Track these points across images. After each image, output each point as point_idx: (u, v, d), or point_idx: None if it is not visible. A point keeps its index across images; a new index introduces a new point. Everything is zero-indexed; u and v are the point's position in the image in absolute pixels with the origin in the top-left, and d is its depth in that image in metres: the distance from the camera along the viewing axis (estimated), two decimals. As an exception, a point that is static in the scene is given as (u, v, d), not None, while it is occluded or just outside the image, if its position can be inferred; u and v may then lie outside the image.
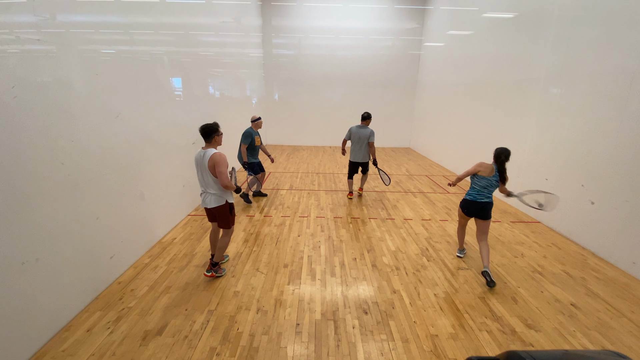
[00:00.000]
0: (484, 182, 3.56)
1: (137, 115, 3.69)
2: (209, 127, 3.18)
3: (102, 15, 3.16)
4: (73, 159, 2.73)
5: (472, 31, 7.74)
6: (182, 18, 4.96)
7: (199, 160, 3.20)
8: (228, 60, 7.48)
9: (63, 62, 2.65)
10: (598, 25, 4.24)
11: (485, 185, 3.56)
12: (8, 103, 2.16)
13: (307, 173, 8.18)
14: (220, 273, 3.48)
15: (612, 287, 3.47)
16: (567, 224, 4.66)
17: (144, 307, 2.96)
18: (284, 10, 11.23)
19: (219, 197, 3.23)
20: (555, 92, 4.98)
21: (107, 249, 3.22)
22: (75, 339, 2.56)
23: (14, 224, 2.22)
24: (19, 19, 2.28)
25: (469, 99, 7.84)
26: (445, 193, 6.73)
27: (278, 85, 12.04)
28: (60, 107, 2.60)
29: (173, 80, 4.67)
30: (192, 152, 5.29)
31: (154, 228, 4.18)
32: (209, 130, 3.18)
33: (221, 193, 3.24)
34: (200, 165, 3.19)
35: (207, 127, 3.18)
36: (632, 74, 3.75)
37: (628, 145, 3.79)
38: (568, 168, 4.65)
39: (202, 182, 3.26)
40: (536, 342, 2.68)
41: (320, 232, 4.65)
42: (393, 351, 2.54)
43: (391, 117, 12.33)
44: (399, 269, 3.72)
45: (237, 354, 2.46)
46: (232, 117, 7.67)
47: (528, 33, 5.61)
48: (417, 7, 11.18)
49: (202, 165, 3.16)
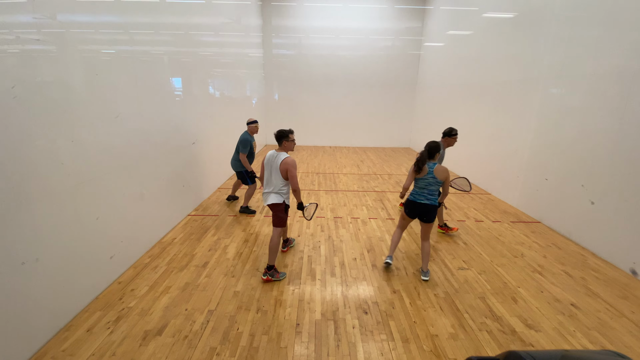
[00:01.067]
0: (421, 183, 3.41)
1: (137, 115, 3.69)
2: (280, 132, 3.37)
3: (102, 15, 3.16)
4: (73, 159, 2.73)
5: (472, 31, 7.74)
6: (182, 18, 4.96)
7: (270, 160, 3.40)
8: (228, 60, 7.48)
9: (63, 62, 2.65)
10: (598, 25, 4.24)
11: (424, 186, 3.39)
12: (8, 103, 2.16)
13: (307, 173, 8.18)
14: (277, 277, 3.39)
15: (612, 287, 3.47)
16: (567, 224, 4.66)
17: (144, 307, 2.96)
18: (284, 10, 11.24)
19: (279, 196, 3.43)
20: (555, 92, 4.98)
21: (107, 249, 3.22)
22: (75, 339, 2.56)
23: (14, 224, 2.22)
24: (19, 19, 2.28)
25: (469, 99, 7.84)
26: (445, 193, 6.72)
27: (278, 85, 12.04)
28: (60, 107, 2.60)
29: (173, 80, 4.67)
30: (192, 152, 5.30)
31: (154, 228, 4.18)
32: (279, 136, 3.37)
33: (282, 193, 3.44)
34: (271, 165, 3.39)
35: (279, 133, 3.37)
36: (632, 74, 3.75)
37: (628, 145, 3.79)
38: (568, 168, 4.65)
39: (269, 181, 3.46)
40: (536, 342, 2.68)
41: (320, 232, 4.65)
42: (393, 351, 2.54)
43: (391, 117, 12.34)
44: (399, 269, 3.72)
45: (237, 354, 2.46)
46: (232, 117, 7.67)
47: (528, 33, 5.61)
48: (417, 7, 11.18)
49: (274, 166, 3.37)
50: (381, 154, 11.13)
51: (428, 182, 3.37)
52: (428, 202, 3.37)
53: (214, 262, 3.76)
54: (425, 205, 3.38)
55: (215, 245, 4.17)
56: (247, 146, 4.93)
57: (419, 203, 3.41)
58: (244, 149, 4.90)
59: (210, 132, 6.16)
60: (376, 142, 12.54)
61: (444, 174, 3.34)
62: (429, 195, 3.38)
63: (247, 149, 4.93)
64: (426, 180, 3.37)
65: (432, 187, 3.37)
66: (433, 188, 3.37)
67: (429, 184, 3.37)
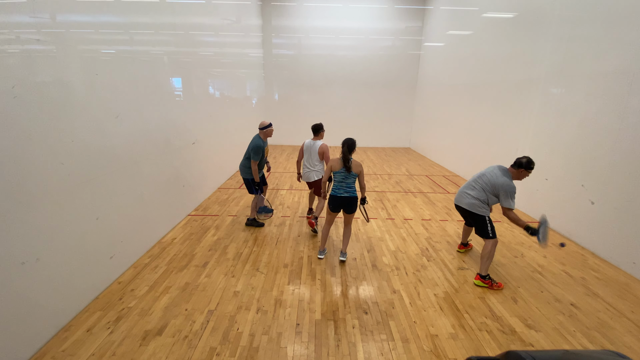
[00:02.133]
0: (338, 177, 3.63)
1: (137, 115, 3.69)
2: (317, 126, 4.62)
3: (102, 15, 3.16)
4: (73, 159, 2.73)
5: (472, 31, 7.74)
6: (182, 18, 4.96)
7: (309, 146, 4.60)
8: (228, 60, 7.48)
9: (63, 62, 2.65)
10: (598, 24, 4.24)
11: (341, 179, 3.63)
12: (8, 103, 2.16)
13: (307, 173, 8.17)
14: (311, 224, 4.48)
15: (612, 287, 3.47)
16: (567, 224, 4.66)
17: (144, 307, 2.96)
18: (284, 10, 11.24)
19: (318, 173, 4.61)
20: (555, 92, 4.98)
21: (107, 249, 3.22)
22: (75, 339, 2.56)
23: (14, 224, 2.22)
24: (19, 19, 2.28)
25: (469, 99, 7.84)
26: (445, 193, 6.73)
27: (278, 85, 12.04)
28: (60, 107, 2.60)
29: (173, 80, 4.67)
30: (192, 152, 5.30)
31: (154, 228, 4.18)
32: (317, 128, 4.61)
33: (319, 171, 4.62)
34: (311, 150, 4.58)
35: (316, 126, 4.62)
36: (632, 74, 3.75)
37: (628, 145, 3.79)
38: (568, 168, 4.65)
39: (309, 163, 4.63)
40: (536, 342, 2.68)
41: (320, 232, 4.65)
42: (393, 351, 2.54)
43: (391, 117, 12.34)
44: (399, 269, 3.72)
45: (237, 354, 2.46)
46: (232, 117, 7.68)
47: (528, 33, 5.61)
48: (417, 7, 11.18)
49: (313, 150, 4.56)
50: (381, 154, 11.12)
51: (345, 176, 3.62)
52: (349, 195, 3.65)
53: (214, 262, 3.76)
54: (347, 198, 3.65)
55: (215, 245, 4.17)
56: (259, 153, 4.35)
57: (340, 197, 3.67)
58: (256, 156, 4.35)
59: (210, 132, 6.16)
60: (376, 142, 12.54)
61: (358, 168, 3.63)
62: (348, 188, 3.66)
63: (259, 156, 4.36)
64: (342, 173, 3.62)
65: (349, 179, 3.63)
66: (349, 181, 3.64)
67: (346, 177, 3.62)
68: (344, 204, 3.66)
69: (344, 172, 3.58)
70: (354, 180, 3.66)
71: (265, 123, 4.49)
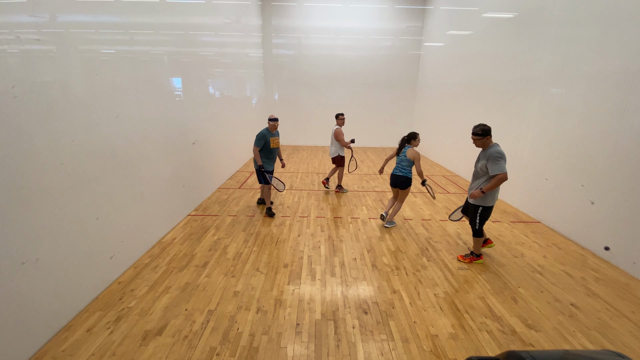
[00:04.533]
0: (397, 159, 4.75)
1: (137, 115, 3.69)
2: (338, 114, 6.15)
3: (102, 15, 3.16)
4: (73, 159, 2.73)
5: (472, 31, 7.74)
6: (182, 18, 4.96)
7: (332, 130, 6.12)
8: (228, 60, 7.48)
9: (63, 62, 2.65)
10: (598, 25, 4.24)
11: (399, 162, 4.70)
12: (8, 103, 2.16)
13: (307, 173, 8.18)
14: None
15: (612, 287, 3.47)
16: (567, 224, 4.66)
17: (144, 307, 2.96)
18: (284, 10, 11.24)
19: (336, 151, 6.16)
20: (555, 92, 4.98)
21: (107, 249, 3.22)
22: (75, 339, 2.56)
23: (14, 223, 2.22)
24: (19, 19, 2.28)
25: (469, 99, 7.84)
26: (445, 193, 6.73)
27: (278, 85, 12.04)
28: (60, 107, 2.60)
29: (173, 80, 4.67)
30: (192, 152, 5.30)
31: (154, 228, 4.18)
32: (335, 115, 6.16)
33: (338, 149, 6.15)
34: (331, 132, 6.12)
35: (338, 114, 6.15)
36: (632, 74, 3.75)
37: (628, 145, 3.79)
38: (568, 168, 4.65)
39: (332, 142, 6.19)
40: (536, 342, 2.68)
41: (320, 232, 4.65)
42: (393, 351, 2.54)
43: (391, 117, 12.34)
44: (399, 269, 3.72)
45: (237, 354, 2.46)
46: (232, 117, 7.68)
47: (528, 33, 5.61)
48: (417, 7, 11.18)
49: (331, 133, 6.13)
50: (381, 153, 11.12)
51: (400, 159, 4.68)
52: (401, 174, 4.61)
53: (214, 262, 3.76)
54: (399, 176, 4.63)
55: (215, 245, 4.18)
56: (261, 140, 4.90)
57: (394, 175, 4.70)
58: (257, 142, 4.91)
59: (210, 132, 6.16)
60: (376, 142, 12.55)
61: (412, 155, 4.55)
62: (402, 169, 4.63)
63: (261, 143, 4.91)
64: (399, 157, 4.71)
65: (404, 163, 4.63)
66: (404, 164, 4.63)
67: (401, 160, 4.66)
68: (397, 181, 4.63)
69: (400, 155, 4.68)
70: (409, 164, 4.59)
71: (273, 116, 5.06)
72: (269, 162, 5.13)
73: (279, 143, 5.21)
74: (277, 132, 5.16)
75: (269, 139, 4.96)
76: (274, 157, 5.20)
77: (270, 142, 4.98)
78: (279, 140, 5.20)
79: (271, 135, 4.99)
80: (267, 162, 5.10)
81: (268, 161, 5.12)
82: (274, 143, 5.05)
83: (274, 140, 5.05)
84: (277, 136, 5.17)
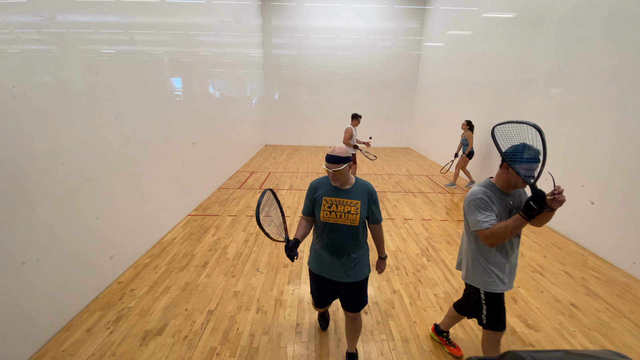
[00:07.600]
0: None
1: (137, 115, 3.69)
2: (354, 114, 6.38)
3: (102, 15, 3.16)
4: (73, 159, 2.73)
5: (472, 31, 7.74)
6: (182, 18, 4.96)
7: None
8: (228, 60, 7.48)
9: (63, 62, 2.65)
10: (598, 24, 4.24)
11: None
12: (8, 103, 2.16)
13: (307, 173, 8.18)
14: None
15: (612, 287, 3.47)
16: (567, 224, 4.66)
17: (144, 307, 2.96)
18: (284, 10, 11.23)
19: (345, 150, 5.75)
20: (555, 92, 4.98)
21: (107, 249, 3.22)
22: (75, 339, 2.56)
23: (14, 224, 2.22)
24: (19, 19, 2.28)
25: (469, 99, 7.84)
26: (445, 193, 6.73)
27: (278, 85, 12.04)
28: (60, 107, 2.60)
29: (173, 80, 4.67)
30: (192, 152, 5.30)
31: (154, 228, 4.18)
32: (352, 116, 6.37)
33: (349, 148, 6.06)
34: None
35: (353, 114, 6.37)
36: (632, 74, 3.75)
37: (628, 145, 3.79)
38: (568, 168, 4.65)
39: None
40: (536, 342, 2.68)
41: (320, 232, 4.65)
42: (393, 351, 2.54)
43: (391, 117, 12.34)
44: (399, 269, 3.72)
45: (237, 354, 2.46)
46: (232, 117, 7.68)
47: (528, 33, 5.61)
48: (417, 7, 11.18)
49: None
50: (381, 154, 11.12)
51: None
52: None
53: (214, 262, 3.76)
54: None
55: (215, 245, 4.17)
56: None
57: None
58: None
59: (210, 132, 6.16)
60: (376, 142, 12.54)
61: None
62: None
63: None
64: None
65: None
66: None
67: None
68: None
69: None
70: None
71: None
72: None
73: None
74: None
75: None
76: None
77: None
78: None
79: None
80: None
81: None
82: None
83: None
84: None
